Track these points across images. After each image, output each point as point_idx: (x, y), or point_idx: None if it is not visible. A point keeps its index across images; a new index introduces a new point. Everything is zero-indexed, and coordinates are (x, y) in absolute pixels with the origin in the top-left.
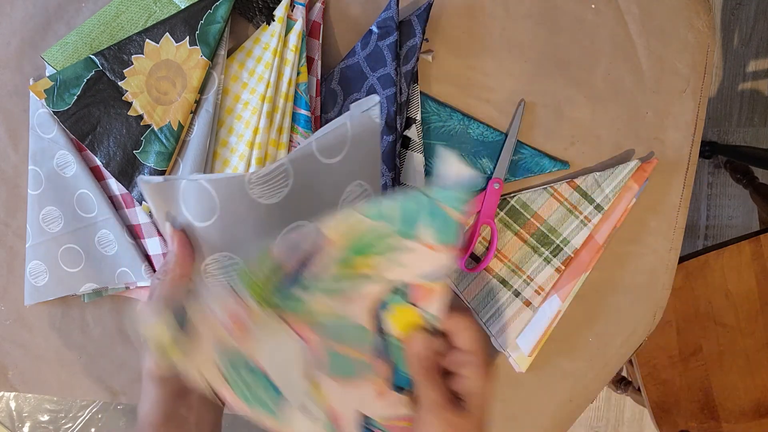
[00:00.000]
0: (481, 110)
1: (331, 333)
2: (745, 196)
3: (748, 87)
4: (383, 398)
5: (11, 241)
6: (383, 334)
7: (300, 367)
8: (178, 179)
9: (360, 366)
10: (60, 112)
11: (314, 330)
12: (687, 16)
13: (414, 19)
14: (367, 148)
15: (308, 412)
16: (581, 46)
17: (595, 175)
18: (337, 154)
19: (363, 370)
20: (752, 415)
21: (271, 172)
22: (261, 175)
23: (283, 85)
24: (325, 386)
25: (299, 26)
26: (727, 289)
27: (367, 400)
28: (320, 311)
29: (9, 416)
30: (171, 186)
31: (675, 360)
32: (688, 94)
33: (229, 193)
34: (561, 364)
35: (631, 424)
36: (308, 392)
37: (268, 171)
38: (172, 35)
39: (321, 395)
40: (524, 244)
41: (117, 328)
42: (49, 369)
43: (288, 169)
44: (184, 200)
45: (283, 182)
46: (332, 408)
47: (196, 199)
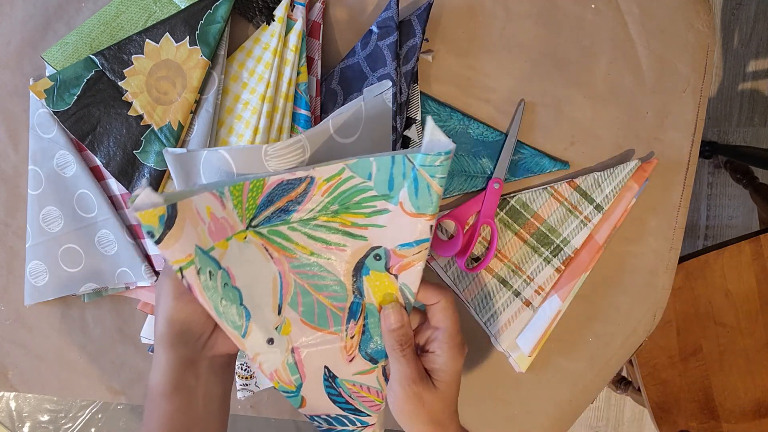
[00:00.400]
0: (481, 110)
1: (310, 277)
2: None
3: (748, 87)
4: (352, 362)
5: (11, 241)
6: (360, 298)
7: (273, 299)
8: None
9: (333, 318)
10: (60, 112)
11: (293, 268)
12: (687, 16)
13: (414, 19)
14: (379, 129)
15: (273, 345)
16: (581, 46)
17: (595, 175)
18: (351, 135)
19: (335, 325)
20: (752, 415)
21: (288, 146)
22: (278, 148)
23: (283, 85)
24: (295, 327)
25: (299, 26)
26: (727, 289)
27: (335, 357)
28: (302, 252)
29: (9, 416)
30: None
31: (675, 360)
32: (688, 93)
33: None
34: (561, 364)
35: (631, 424)
36: (277, 327)
37: (285, 144)
38: (172, 35)
39: (289, 335)
40: (524, 244)
41: (117, 328)
42: (49, 369)
43: (305, 144)
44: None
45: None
46: (298, 351)
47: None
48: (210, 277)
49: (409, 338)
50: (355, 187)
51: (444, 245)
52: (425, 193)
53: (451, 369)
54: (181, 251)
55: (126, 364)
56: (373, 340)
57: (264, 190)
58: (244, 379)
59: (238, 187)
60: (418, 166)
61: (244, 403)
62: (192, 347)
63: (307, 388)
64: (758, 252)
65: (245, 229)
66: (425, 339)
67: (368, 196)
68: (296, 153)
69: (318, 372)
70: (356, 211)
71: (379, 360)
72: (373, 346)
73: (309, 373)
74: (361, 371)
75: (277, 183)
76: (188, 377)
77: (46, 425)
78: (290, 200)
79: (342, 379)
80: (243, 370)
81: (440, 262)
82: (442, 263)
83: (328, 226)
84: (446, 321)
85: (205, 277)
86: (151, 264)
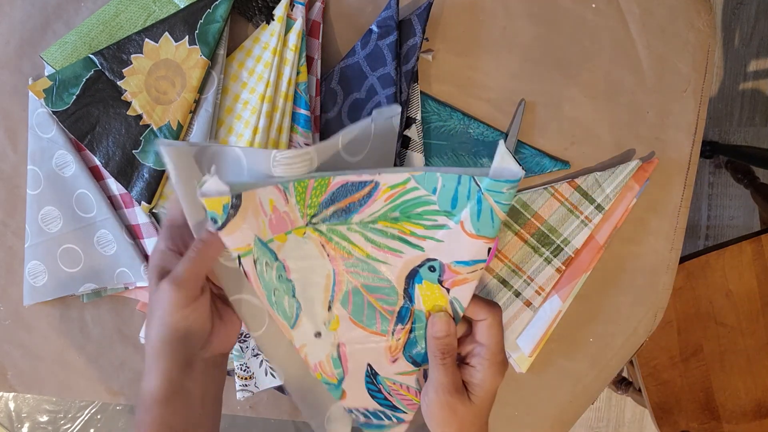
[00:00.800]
0: (481, 110)
1: (363, 277)
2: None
3: (749, 87)
4: (395, 363)
5: (10, 241)
6: (410, 303)
7: (325, 295)
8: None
9: (381, 320)
10: (59, 112)
11: (347, 267)
12: (688, 15)
13: (414, 19)
14: (385, 151)
15: (320, 338)
16: (582, 45)
17: (595, 175)
18: (359, 154)
19: (382, 326)
20: (753, 415)
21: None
22: (286, 156)
23: (282, 84)
24: (343, 324)
25: (299, 25)
26: (728, 290)
27: (379, 356)
28: (358, 252)
29: (8, 417)
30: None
31: (676, 360)
32: (689, 93)
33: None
34: (561, 364)
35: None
36: (326, 322)
37: (293, 154)
38: (171, 34)
39: (336, 331)
40: (524, 244)
41: (116, 329)
42: (48, 369)
43: (313, 157)
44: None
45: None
46: (343, 348)
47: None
48: (266, 268)
49: (452, 348)
50: (419, 199)
51: None
52: (487, 216)
53: (489, 386)
54: (242, 240)
55: (125, 365)
56: (418, 345)
57: (328, 189)
58: (243, 379)
59: (303, 184)
60: (484, 190)
61: (243, 403)
62: (191, 350)
63: (349, 382)
64: (759, 252)
65: (305, 225)
66: (467, 352)
67: (430, 210)
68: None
69: (361, 368)
70: (416, 221)
71: (422, 364)
72: (418, 350)
73: (352, 368)
74: (402, 372)
75: (341, 183)
76: (186, 380)
77: (45, 426)
78: (353, 202)
79: (383, 377)
80: (243, 370)
81: None
82: None
83: (387, 231)
84: (491, 338)
85: (261, 267)
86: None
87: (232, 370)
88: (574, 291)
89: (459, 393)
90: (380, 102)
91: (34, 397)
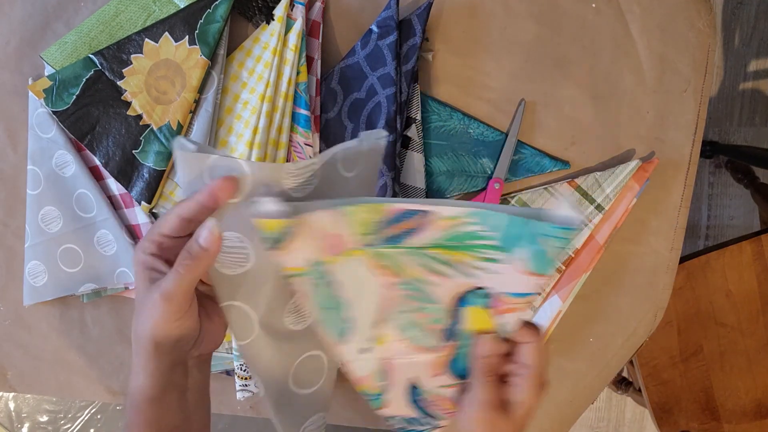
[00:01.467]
0: (481, 110)
1: (412, 298)
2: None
3: (749, 87)
4: (438, 377)
5: (10, 241)
6: (457, 323)
7: (374, 315)
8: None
9: (428, 339)
10: (59, 112)
11: (397, 288)
12: (688, 15)
13: (414, 19)
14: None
15: (367, 354)
16: (582, 45)
17: (595, 175)
18: (352, 169)
19: (429, 345)
20: (753, 415)
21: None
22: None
23: (282, 84)
24: (389, 342)
25: (299, 25)
26: (728, 290)
27: (423, 372)
28: (408, 275)
29: (8, 417)
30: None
31: (676, 360)
32: (689, 93)
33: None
34: (561, 364)
35: (631, 424)
36: (373, 340)
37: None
38: (171, 34)
39: (383, 348)
40: None
41: (116, 329)
42: (48, 369)
43: (317, 171)
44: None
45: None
46: (390, 363)
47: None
48: (318, 287)
49: (495, 368)
50: (477, 234)
51: None
52: (546, 258)
53: (529, 405)
54: (295, 261)
55: (125, 365)
56: (463, 363)
57: (382, 215)
58: (243, 379)
59: (359, 209)
60: (548, 236)
61: (243, 403)
62: (181, 352)
63: (391, 393)
64: (759, 252)
65: (357, 248)
66: (508, 371)
67: (488, 245)
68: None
69: (404, 381)
70: (471, 253)
71: (465, 379)
72: (462, 366)
73: (396, 381)
74: (445, 385)
75: (397, 212)
76: (176, 377)
77: (45, 426)
78: (407, 229)
79: (426, 390)
80: (243, 370)
81: None
82: None
83: (439, 257)
84: (535, 360)
85: (313, 287)
86: None
87: (231, 370)
88: (574, 291)
89: (501, 410)
90: (380, 102)
91: (34, 397)
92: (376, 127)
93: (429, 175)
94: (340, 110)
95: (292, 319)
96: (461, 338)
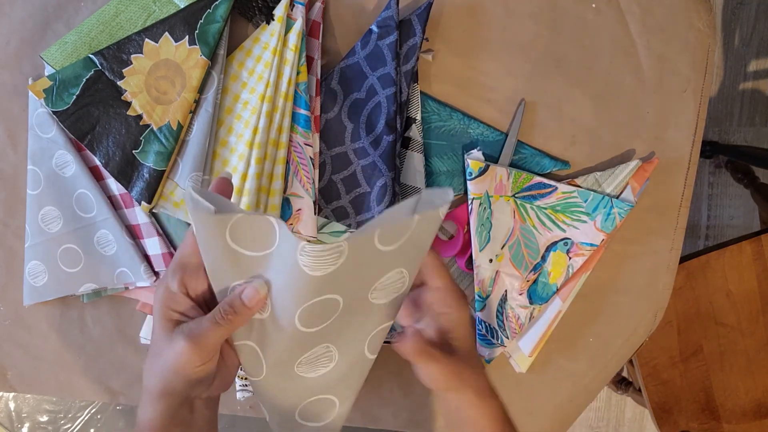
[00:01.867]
0: (481, 110)
1: (525, 237)
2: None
3: (749, 87)
4: (520, 296)
5: (10, 242)
6: (543, 262)
7: (502, 240)
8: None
9: (525, 266)
10: (59, 112)
11: (520, 228)
12: (688, 15)
13: (414, 19)
14: (422, 242)
15: (490, 264)
16: (582, 45)
17: (595, 175)
18: (393, 243)
19: (524, 270)
20: (753, 415)
21: (325, 250)
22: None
23: (282, 84)
24: (504, 260)
25: (299, 26)
26: (728, 289)
27: (514, 287)
28: (529, 222)
29: (8, 417)
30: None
31: (676, 360)
32: (689, 93)
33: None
34: (561, 364)
35: (631, 424)
36: (496, 255)
37: (322, 249)
38: (171, 35)
39: (501, 262)
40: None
41: (116, 329)
42: (48, 369)
43: (343, 250)
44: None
45: (334, 261)
46: (499, 274)
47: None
48: (481, 210)
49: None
50: (576, 203)
51: (444, 245)
52: (611, 221)
53: (465, 321)
54: (479, 189)
55: (125, 365)
56: (538, 290)
57: (529, 181)
58: (243, 379)
59: (519, 174)
60: (615, 207)
61: (243, 403)
62: (194, 393)
63: (491, 299)
64: (759, 252)
65: (510, 195)
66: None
67: (579, 210)
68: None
69: (501, 291)
70: (568, 215)
71: (534, 304)
72: (535, 295)
73: (496, 289)
74: (521, 305)
75: (536, 182)
76: (184, 412)
77: (45, 425)
78: (539, 193)
79: (509, 304)
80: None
81: None
82: None
83: (549, 215)
84: (441, 279)
85: (480, 210)
86: (150, 264)
87: None
88: (574, 291)
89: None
90: (380, 102)
91: (34, 397)
92: (376, 126)
93: (429, 175)
94: (340, 110)
95: (304, 369)
96: (542, 275)
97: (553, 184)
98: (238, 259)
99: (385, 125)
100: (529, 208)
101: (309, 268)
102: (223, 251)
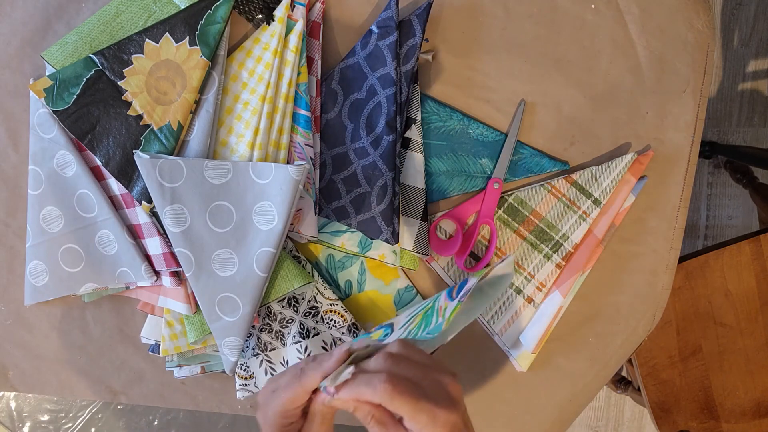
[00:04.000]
0: (481, 110)
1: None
2: (745, 196)
3: (748, 87)
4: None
5: (11, 241)
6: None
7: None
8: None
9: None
10: (59, 111)
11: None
12: (687, 16)
13: (414, 19)
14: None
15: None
16: (581, 46)
17: (591, 170)
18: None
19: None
20: (752, 415)
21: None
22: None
23: (283, 85)
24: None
25: (299, 27)
26: (726, 289)
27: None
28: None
29: (9, 416)
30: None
31: (675, 360)
32: (688, 94)
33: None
34: (561, 363)
35: (630, 423)
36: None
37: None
38: (171, 35)
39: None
40: (524, 241)
41: (117, 328)
42: (49, 369)
43: (229, 168)
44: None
45: (224, 175)
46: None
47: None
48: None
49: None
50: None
51: (443, 245)
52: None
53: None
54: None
55: (126, 364)
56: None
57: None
58: (243, 379)
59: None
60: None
61: (244, 403)
62: None
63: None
64: (758, 252)
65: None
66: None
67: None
68: (223, 171)
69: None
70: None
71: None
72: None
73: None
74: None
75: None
76: None
77: (46, 425)
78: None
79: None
80: (243, 370)
81: (441, 263)
82: (442, 264)
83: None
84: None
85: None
86: (151, 264)
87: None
88: (574, 287)
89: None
90: (380, 102)
91: (35, 396)
92: (376, 126)
93: (429, 175)
94: (341, 110)
95: (217, 266)
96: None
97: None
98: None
99: (385, 125)
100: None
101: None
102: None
